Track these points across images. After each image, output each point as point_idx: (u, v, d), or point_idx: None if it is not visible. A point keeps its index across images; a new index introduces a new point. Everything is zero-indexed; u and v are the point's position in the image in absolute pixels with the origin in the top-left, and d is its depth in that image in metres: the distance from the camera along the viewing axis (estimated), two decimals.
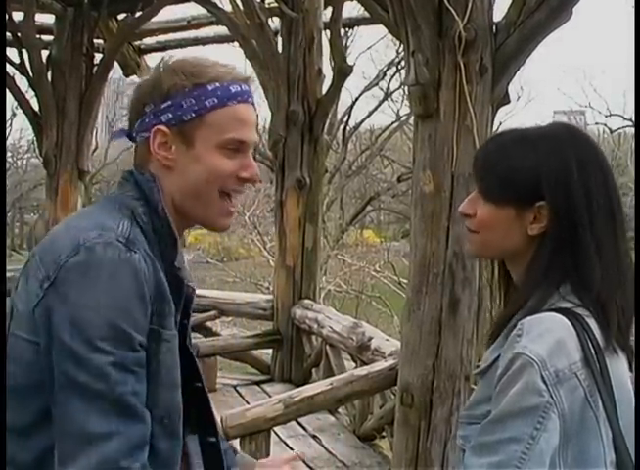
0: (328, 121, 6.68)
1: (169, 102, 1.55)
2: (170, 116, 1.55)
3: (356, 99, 19.13)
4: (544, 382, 1.35)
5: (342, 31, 7.22)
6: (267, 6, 6.15)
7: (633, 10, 3.08)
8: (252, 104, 1.61)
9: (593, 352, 1.40)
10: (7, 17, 6.32)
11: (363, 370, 4.53)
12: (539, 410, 1.35)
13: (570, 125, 1.61)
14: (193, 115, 1.55)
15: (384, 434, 4.91)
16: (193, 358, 1.69)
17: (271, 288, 9.34)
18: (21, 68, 6.67)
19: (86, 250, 1.44)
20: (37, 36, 6.66)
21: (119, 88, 31.19)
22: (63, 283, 1.44)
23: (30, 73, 6.67)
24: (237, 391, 6.16)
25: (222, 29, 6.94)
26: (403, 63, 17.38)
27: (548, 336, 1.38)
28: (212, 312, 6.93)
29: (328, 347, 5.69)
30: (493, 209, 1.51)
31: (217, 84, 1.56)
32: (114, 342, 1.41)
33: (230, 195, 1.59)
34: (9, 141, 27.46)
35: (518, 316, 1.46)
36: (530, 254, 1.50)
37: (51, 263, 1.46)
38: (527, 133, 1.55)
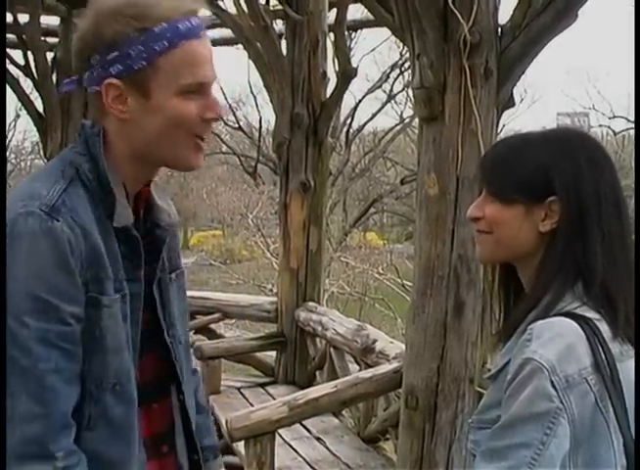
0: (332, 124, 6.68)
1: (116, 52, 1.44)
2: (120, 67, 1.45)
3: (359, 101, 19.11)
4: (554, 387, 1.36)
5: (346, 34, 7.22)
6: (272, 8, 6.16)
7: (633, 10, 3.08)
8: (205, 36, 1.49)
9: (603, 356, 1.40)
10: (12, 19, 6.34)
11: (368, 373, 4.53)
12: (549, 416, 1.35)
13: (577, 129, 1.63)
14: (143, 63, 1.44)
15: (388, 436, 4.91)
16: (156, 309, 1.64)
17: (274, 290, 9.34)
18: (25, 70, 6.68)
19: (11, 222, 1.41)
20: (42, 38, 6.67)
21: None
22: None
23: (35, 75, 6.68)
24: (241, 393, 6.16)
25: (226, 32, 6.95)
26: (406, 65, 17.39)
27: (558, 341, 1.39)
28: (216, 315, 6.93)
29: (332, 349, 5.68)
30: (502, 207, 1.52)
31: (165, 24, 1.43)
32: (38, 314, 1.39)
33: (199, 137, 1.52)
34: (13, 143, 27.48)
35: (529, 319, 1.46)
36: (541, 253, 1.51)
37: None
38: (536, 136, 1.56)
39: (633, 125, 21.59)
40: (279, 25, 6.41)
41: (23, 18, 6.44)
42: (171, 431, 1.71)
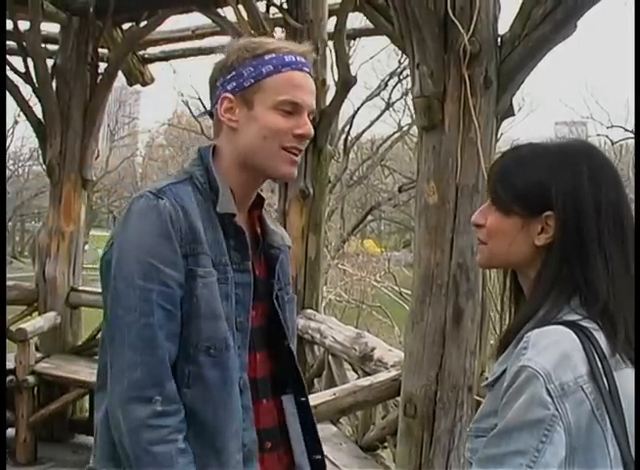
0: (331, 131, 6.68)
1: (233, 73, 1.81)
2: (234, 84, 1.80)
3: (358, 109, 19.16)
4: (549, 395, 1.36)
5: (346, 42, 7.23)
6: (272, 17, 6.18)
7: (633, 17, 3.09)
8: (309, 73, 1.84)
9: (600, 365, 1.40)
10: (13, 25, 6.34)
11: (366, 381, 4.52)
12: (545, 423, 1.35)
13: (586, 142, 1.63)
14: (252, 81, 1.79)
15: (386, 444, 4.90)
16: (279, 318, 1.91)
17: None
18: (25, 76, 6.68)
19: (128, 205, 1.75)
20: (42, 45, 6.67)
21: (121, 97, 31.22)
22: (115, 238, 1.74)
23: (35, 82, 6.68)
24: None
25: (226, 40, 6.96)
26: (405, 73, 17.42)
27: (553, 349, 1.39)
28: None
29: (330, 357, 5.67)
30: (501, 217, 1.54)
31: (273, 55, 1.80)
32: (143, 276, 1.67)
33: (291, 151, 1.83)
34: (11, 149, 27.50)
35: (527, 328, 1.46)
36: (538, 265, 1.52)
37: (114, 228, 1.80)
38: (544, 147, 1.57)
39: (631, 135, 21.63)
40: (279, 33, 6.42)
41: (24, 25, 6.46)
42: (278, 430, 1.91)
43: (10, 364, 6.29)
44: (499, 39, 3.50)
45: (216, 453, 1.74)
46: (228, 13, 6.25)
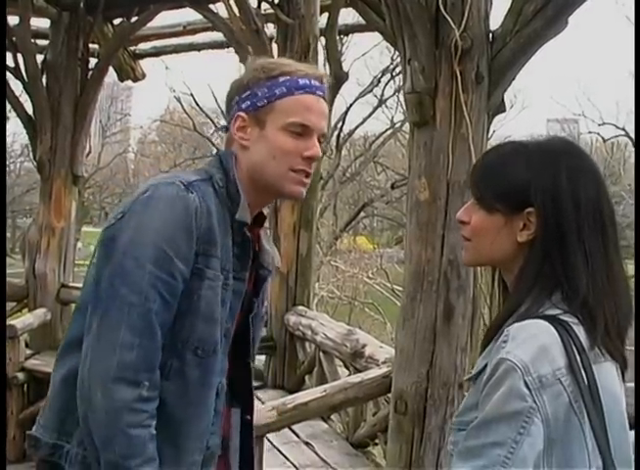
0: None
1: (248, 92, 1.84)
2: (248, 103, 1.84)
3: (350, 105, 19.16)
4: (527, 387, 1.37)
5: (338, 38, 7.22)
6: (263, 12, 6.17)
7: (634, 18, 3.09)
8: (323, 97, 1.87)
9: (578, 358, 1.42)
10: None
11: (357, 377, 4.52)
12: (522, 415, 1.37)
13: (566, 139, 1.65)
14: (265, 101, 1.82)
15: (377, 441, 4.90)
16: (248, 334, 1.94)
17: None
18: (15, 72, 6.66)
19: (153, 187, 1.74)
20: (32, 41, 6.65)
21: (113, 93, 31.16)
22: (130, 213, 1.72)
23: (25, 78, 6.66)
24: None
25: (218, 35, 6.96)
26: (397, 70, 17.42)
27: (532, 342, 1.41)
28: None
29: (321, 353, 5.68)
30: (484, 215, 1.56)
31: (288, 77, 1.83)
32: (155, 261, 1.67)
33: (299, 173, 1.84)
34: None
35: (508, 323, 1.48)
36: (521, 261, 1.53)
37: (127, 202, 1.77)
38: (525, 144, 1.58)
39: (622, 132, 21.68)
40: (270, 29, 6.41)
41: (14, 20, 6.43)
42: (225, 438, 1.95)
43: None
44: (491, 35, 3.49)
45: (174, 448, 1.77)
46: (220, 8, 6.24)
